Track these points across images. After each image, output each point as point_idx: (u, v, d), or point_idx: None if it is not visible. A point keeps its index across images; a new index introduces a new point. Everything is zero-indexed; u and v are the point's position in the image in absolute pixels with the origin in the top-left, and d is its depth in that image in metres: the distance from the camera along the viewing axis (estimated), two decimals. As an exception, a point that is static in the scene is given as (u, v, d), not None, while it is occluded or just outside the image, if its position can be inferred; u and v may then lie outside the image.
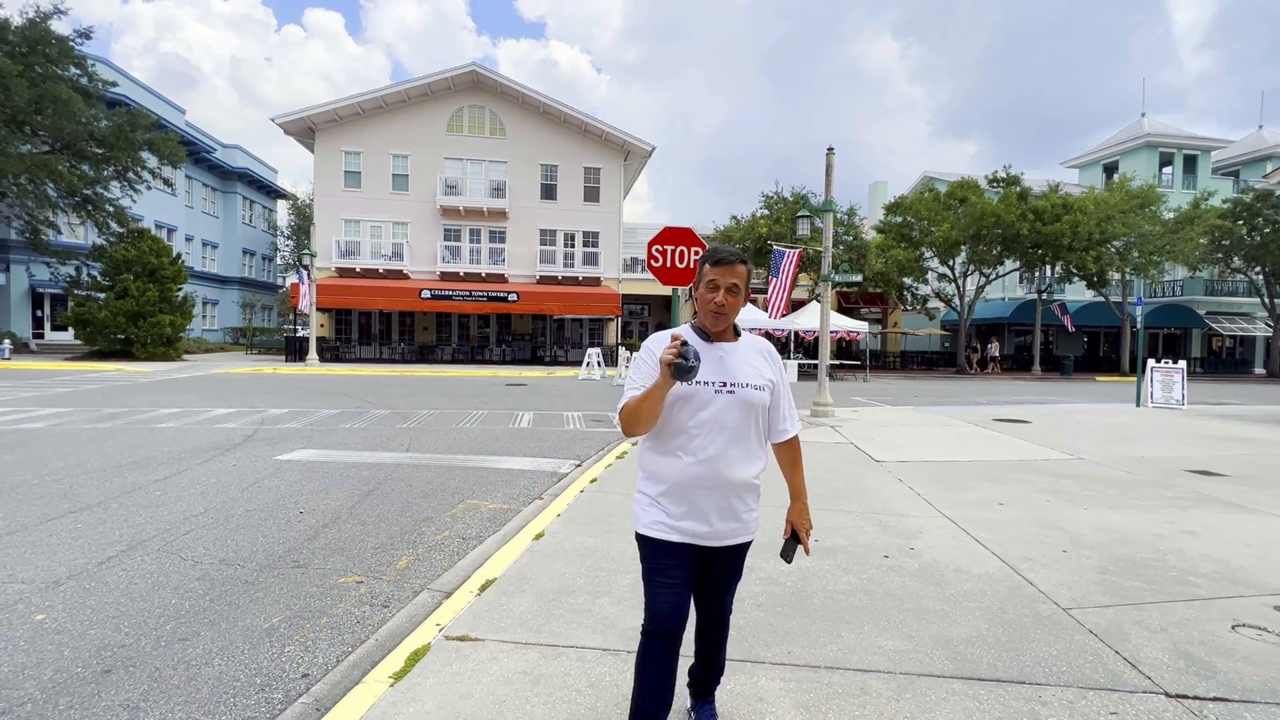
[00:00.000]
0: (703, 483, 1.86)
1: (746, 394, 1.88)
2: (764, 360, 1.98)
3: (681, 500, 1.89)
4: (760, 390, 1.91)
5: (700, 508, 1.88)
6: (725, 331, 1.95)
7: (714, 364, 1.87)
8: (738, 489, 1.90)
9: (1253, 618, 3.17)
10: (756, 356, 1.97)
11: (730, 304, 1.88)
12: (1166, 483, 6.28)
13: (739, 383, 1.88)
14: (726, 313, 1.89)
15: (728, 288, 1.87)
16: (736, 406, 1.87)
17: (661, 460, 1.91)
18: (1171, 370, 14.08)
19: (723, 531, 1.91)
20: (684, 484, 1.87)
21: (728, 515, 1.90)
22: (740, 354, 1.94)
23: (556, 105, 28.43)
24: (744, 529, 1.95)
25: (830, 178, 11.39)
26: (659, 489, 1.91)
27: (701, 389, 1.85)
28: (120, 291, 22.74)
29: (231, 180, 38.42)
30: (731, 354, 1.92)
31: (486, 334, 30.14)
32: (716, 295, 1.88)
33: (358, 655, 2.76)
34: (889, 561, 3.92)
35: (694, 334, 1.92)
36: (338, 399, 12.99)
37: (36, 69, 20.79)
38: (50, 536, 4.29)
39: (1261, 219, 28.44)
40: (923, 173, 37.49)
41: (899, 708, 2.36)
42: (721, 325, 1.92)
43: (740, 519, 1.93)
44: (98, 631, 3.00)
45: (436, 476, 6.33)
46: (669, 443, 1.89)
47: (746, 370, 1.91)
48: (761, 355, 1.98)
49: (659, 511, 1.91)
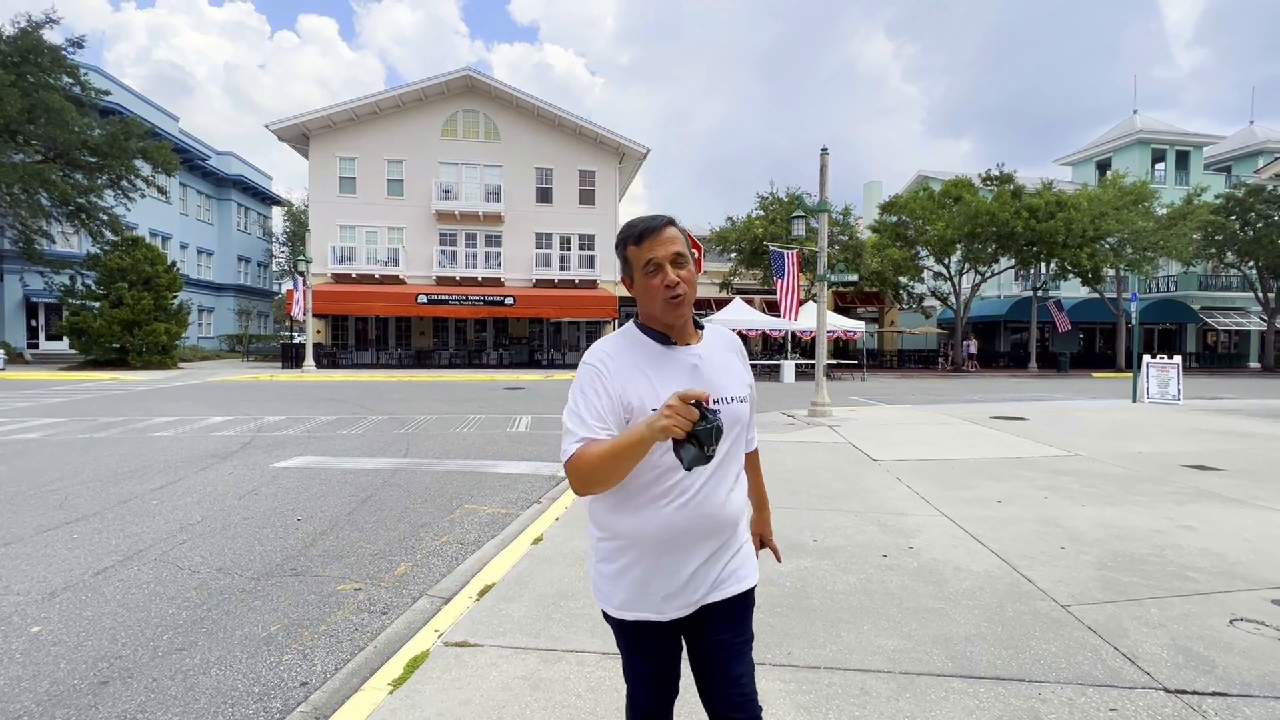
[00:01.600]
0: (689, 533, 1.38)
1: (732, 410, 1.43)
2: (739, 360, 1.55)
3: (662, 565, 1.39)
4: (744, 402, 1.49)
5: (688, 566, 1.40)
6: (686, 326, 1.45)
7: (689, 376, 1.40)
8: (726, 531, 1.45)
9: (1251, 612, 3.18)
10: (730, 356, 1.53)
11: (685, 279, 1.39)
12: (1164, 478, 6.30)
13: (723, 397, 1.42)
14: (684, 293, 1.39)
15: (672, 260, 1.38)
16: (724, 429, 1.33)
17: (629, 515, 1.39)
18: (1167, 366, 14.13)
19: (719, 581, 1.45)
20: (666, 541, 1.38)
21: (723, 559, 1.45)
22: (714, 358, 1.48)
23: (550, 109, 28.46)
24: (744, 569, 1.49)
25: (825, 178, 11.41)
26: (630, 555, 1.41)
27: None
28: (115, 300, 22.67)
29: (226, 187, 38.36)
30: (706, 359, 1.45)
31: (483, 338, 30.10)
32: (665, 274, 1.37)
33: (356, 663, 2.75)
34: (888, 561, 3.92)
35: (644, 338, 1.44)
36: (335, 405, 12.96)
37: (29, 78, 20.77)
38: (46, 547, 4.27)
39: (1254, 214, 28.62)
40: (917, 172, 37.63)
41: (899, 707, 2.36)
42: (684, 314, 1.41)
43: (740, 557, 1.49)
44: (94, 643, 2.98)
45: (434, 482, 6.32)
46: (640, 490, 1.38)
47: (725, 378, 1.46)
48: (735, 353, 1.55)
49: (632, 585, 1.41)
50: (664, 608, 1.42)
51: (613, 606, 1.45)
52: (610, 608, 1.46)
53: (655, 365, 1.40)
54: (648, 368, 1.39)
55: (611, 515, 1.43)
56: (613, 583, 1.44)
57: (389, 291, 26.64)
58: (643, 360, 1.41)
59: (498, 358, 28.95)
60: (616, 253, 1.48)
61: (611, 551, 1.44)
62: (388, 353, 28.67)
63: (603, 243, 29.40)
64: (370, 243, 28.06)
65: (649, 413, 1.31)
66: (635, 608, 1.43)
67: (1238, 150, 36.39)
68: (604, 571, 1.46)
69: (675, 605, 1.42)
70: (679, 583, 1.40)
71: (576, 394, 1.38)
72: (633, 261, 1.42)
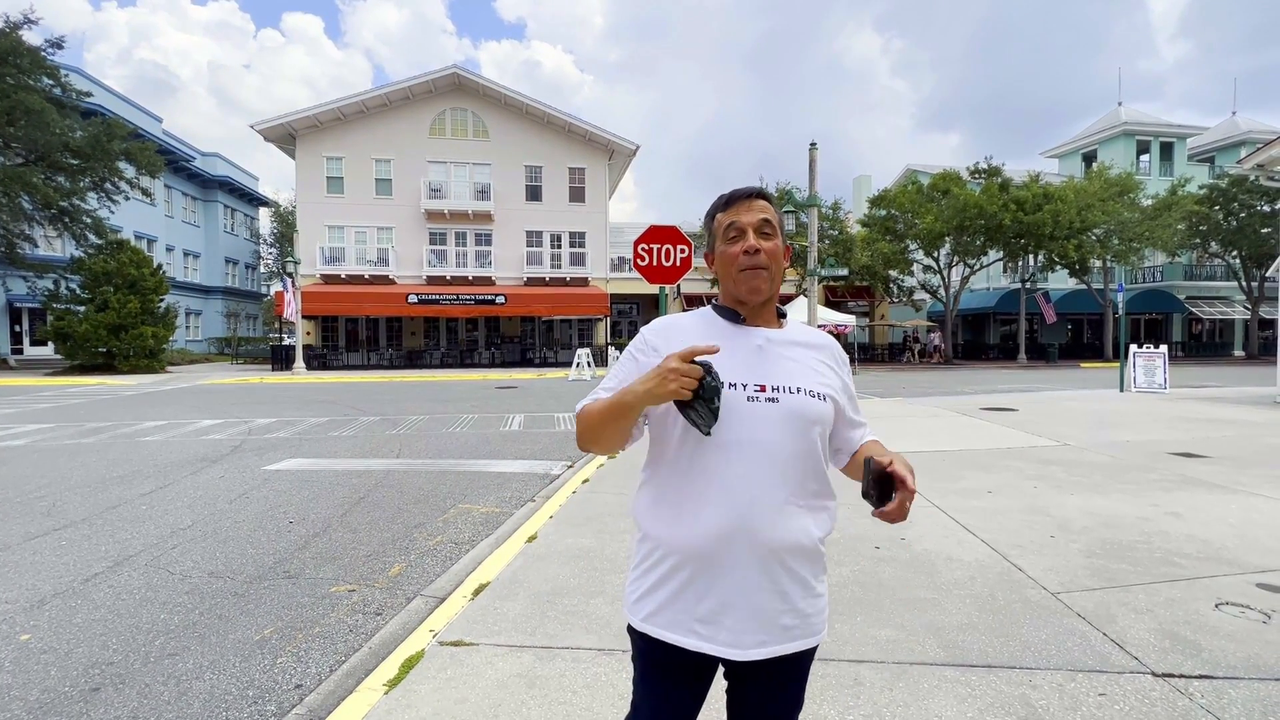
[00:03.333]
0: (730, 547, 1.17)
1: (798, 403, 1.21)
2: (826, 360, 1.31)
3: (698, 580, 1.19)
4: (820, 400, 1.24)
5: (728, 591, 1.18)
6: (766, 307, 1.29)
7: (747, 357, 1.23)
8: (787, 557, 1.19)
9: (1236, 596, 3.23)
10: (812, 353, 1.30)
11: (769, 251, 1.25)
12: (1150, 466, 6.38)
13: (785, 385, 1.21)
14: (767, 267, 1.25)
15: (756, 227, 1.25)
16: (782, 422, 1.19)
17: (664, 513, 1.23)
18: (1153, 355, 14.30)
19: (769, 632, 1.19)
20: (702, 552, 1.18)
21: (775, 602, 1.19)
22: (788, 344, 1.28)
23: (539, 106, 28.35)
24: (803, 626, 1.22)
25: (814, 173, 11.45)
26: (665, 562, 1.22)
27: (728, 395, 1.16)
28: (101, 304, 22.40)
29: (212, 189, 37.94)
30: (774, 344, 1.26)
31: (475, 337, 30.00)
32: (746, 240, 1.24)
33: (351, 664, 2.74)
34: (880, 552, 3.95)
35: (719, 316, 1.30)
36: (326, 407, 12.89)
37: (8, 80, 20.44)
38: (34, 555, 4.22)
39: (1237, 204, 28.97)
40: (906, 165, 37.78)
41: (892, 697, 2.38)
42: (762, 289, 1.26)
43: (795, 609, 1.21)
44: (85, 649, 2.96)
45: (428, 482, 6.30)
46: (678, 483, 1.21)
47: (796, 368, 1.25)
48: (823, 352, 1.32)
49: (662, 596, 1.22)
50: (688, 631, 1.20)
51: (635, 614, 1.26)
52: (632, 616, 1.27)
53: (713, 339, 1.20)
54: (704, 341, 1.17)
55: (648, 511, 1.27)
56: (637, 588, 1.27)
57: (379, 292, 26.49)
58: (703, 334, 1.25)
59: (490, 357, 28.85)
60: (704, 227, 1.38)
61: (646, 554, 1.27)
62: (379, 353, 28.51)
63: (593, 240, 29.36)
64: (359, 243, 27.87)
65: None
66: (657, 625, 1.22)
67: (1221, 141, 36.78)
68: (633, 577, 1.30)
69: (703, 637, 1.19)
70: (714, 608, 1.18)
71: (618, 364, 1.31)
72: (717, 229, 1.30)
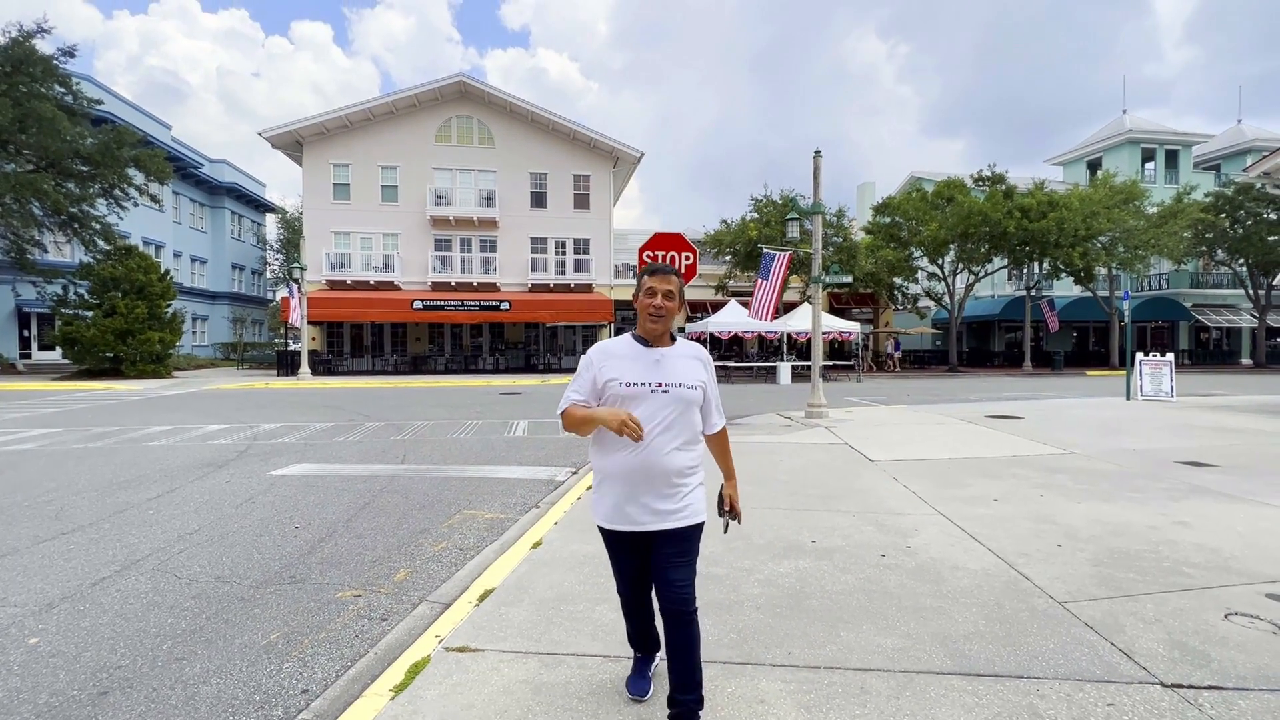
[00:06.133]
0: (641, 472, 2.10)
1: (680, 392, 2.12)
2: (698, 364, 2.23)
3: (625, 490, 2.13)
4: (693, 389, 2.16)
5: (642, 494, 2.11)
6: (663, 336, 2.22)
7: (651, 366, 2.14)
8: (674, 475, 2.12)
9: (1245, 606, 3.21)
10: (691, 360, 2.22)
11: (668, 309, 2.16)
12: (1158, 474, 6.34)
13: (673, 382, 2.13)
14: (665, 316, 2.16)
15: (664, 294, 2.16)
16: (670, 403, 2.11)
17: (606, 456, 2.17)
18: (1160, 363, 14.22)
19: (665, 513, 2.12)
20: (627, 475, 2.12)
21: (668, 498, 2.12)
22: (676, 357, 2.19)
23: (544, 113, 28.50)
24: (686, 510, 2.14)
25: (818, 180, 11.47)
26: (606, 480, 2.18)
27: (641, 389, 2.10)
28: (108, 309, 22.55)
29: (219, 195, 38.23)
30: (667, 357, 2.18)
31: (479, 343, 30.06)
32: (655, 299, 2.16)
33: (357, 669, 2.75)
34: (886, 560, 3.94)
35: (635, 341, 2.21)
36: (331, 412, 12.93)
37: (20, 88, 20.67)
38: (42, 558, 4.25)
39: (1243, 211, 28.86)
40: (910, 173, 37.82)
41: (899, 705, 2.37)
42: (659, 330, 2.19)
43: (682, 500, 2.14)
44: (93, 653, 2.97)
45: (433, 488, 6.31)
46: (612, 440, 2.13)
47: (681, 370, 2.16)
48: (696, 359, 2.23)
49: (608, 502, 2.17)
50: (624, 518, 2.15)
51: (597, 517, 2.23)
52: (596, 518, 2.24)
53: (631, 357, 2.18)
54: (625, 359, 2.18)
55: (598, 456, 2.23)
56: (597, 502, 2.24)
57: (384, 298, 26.58)
58: (625, 354, 2.19)
59: (494, 363, 28.90)
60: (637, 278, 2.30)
61: (597, 480, 2.24)
62: (383, 359, 28.59)
63: (598, 246, 29.43)
64: (365, 249, 28.02)
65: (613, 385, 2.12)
66: (607, 519, 2.20)
67: (1226, 149, 36.70)
68: (594, 495, 2.26)
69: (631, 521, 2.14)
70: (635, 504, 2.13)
71: (577, 371, 2.25)
72: (642, 285, 2.21)
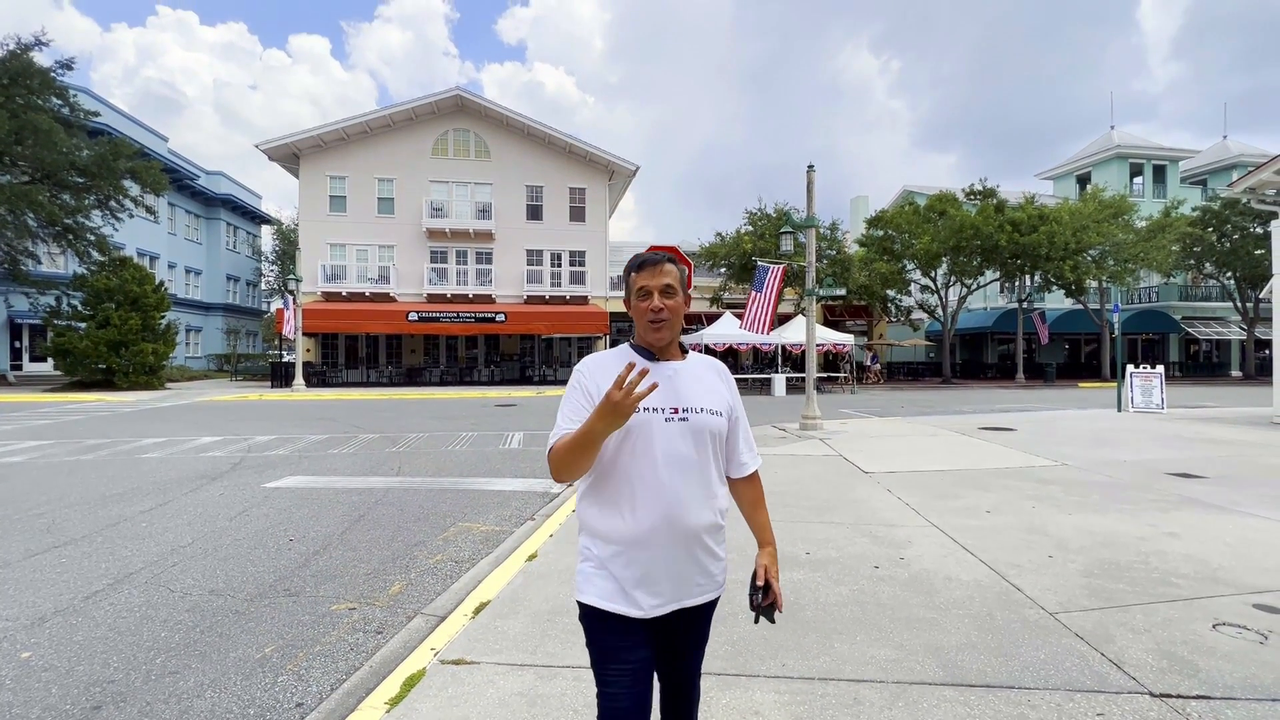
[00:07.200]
0: (660, 535, 1.51)
1: (702, 420, 1.56)
2: (719, 380, 1.67)
3: (636, 561, 1.52)
4: (718, 415, 1.60)
5: (659, 567, 1.52)
6: (670, 346, 1.63)
7: (662, 385, 1.53)
8: (702, 536, 1.56)
9: (1233, 616, 3.25)
10: (710, 376, 1.67)
11: (670, 308, 1.59)
12: (1148, 486, 6.40)
13: (692, 407, 1.56)
14: (668, 319, 1.59)
15: (661, 290, 1.59)
16: (692, 435, 1.54)
17: (606, 514, 1.55)
18: (1150, 375, 14.37)
19: (688, 591, 1.57)
20: (638, 540, 1.51)
21: (693, 570, 1.56)
22: (692, 372, 1.63)
23: (540, 127, 28.74)
24: (712, 584, 1.62)
25: (811, 194, 11.60)
26: (608, 550, 1.54)
27: (649, 417, 1.51)
28: (102, 321, 22.46)
29: (215, 206, 38.26)
30: (681, 373, 1.61)
31: (475, 355, 30.04)
32: (652, 301, 1.59)
33: (352, 683, 2.75)
34: (879, 572, 3.96)
35: (636, 353, 1.64)
36: (325, 424, 12.89)
37: (17, 100, 20.74)
38: (34, 572, 4.22)
39: (1230, 225, 29.27)
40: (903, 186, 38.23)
41: (892, 716, 2.39)
42: (665, 337, 1.60)
43: (708, 572, 1.59)
44: (86, 667, 2.96)
45: (428, 500, 6.31)
46: (615, 489, 1.53)
47: (700, 392, 1.60)
48: (716, 375, 1.68)
49: (608, 579, 1.53)
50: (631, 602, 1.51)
51: (586, 595, 1.55)
52: (584, 596, 1.55)
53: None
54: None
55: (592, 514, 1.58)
56: (589, 578, 1.56)
57: (379, 309, 26.59)
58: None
59: (489, 375, 28.87)
60: (623, 279, 1.71)
61: (592, 549, 1.58)
62: (378, 371, 28.51)
63: (593, 259, 29.56)
64: (361, 261, 28.04)
65: None
66: (607, 600, 1.52)
67: (1213, 164, 37.29)
68: (583, 570, 1.59)
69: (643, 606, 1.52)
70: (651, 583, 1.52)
71: (564, 397, 1.60)
72: (632, 285, 1.64)
